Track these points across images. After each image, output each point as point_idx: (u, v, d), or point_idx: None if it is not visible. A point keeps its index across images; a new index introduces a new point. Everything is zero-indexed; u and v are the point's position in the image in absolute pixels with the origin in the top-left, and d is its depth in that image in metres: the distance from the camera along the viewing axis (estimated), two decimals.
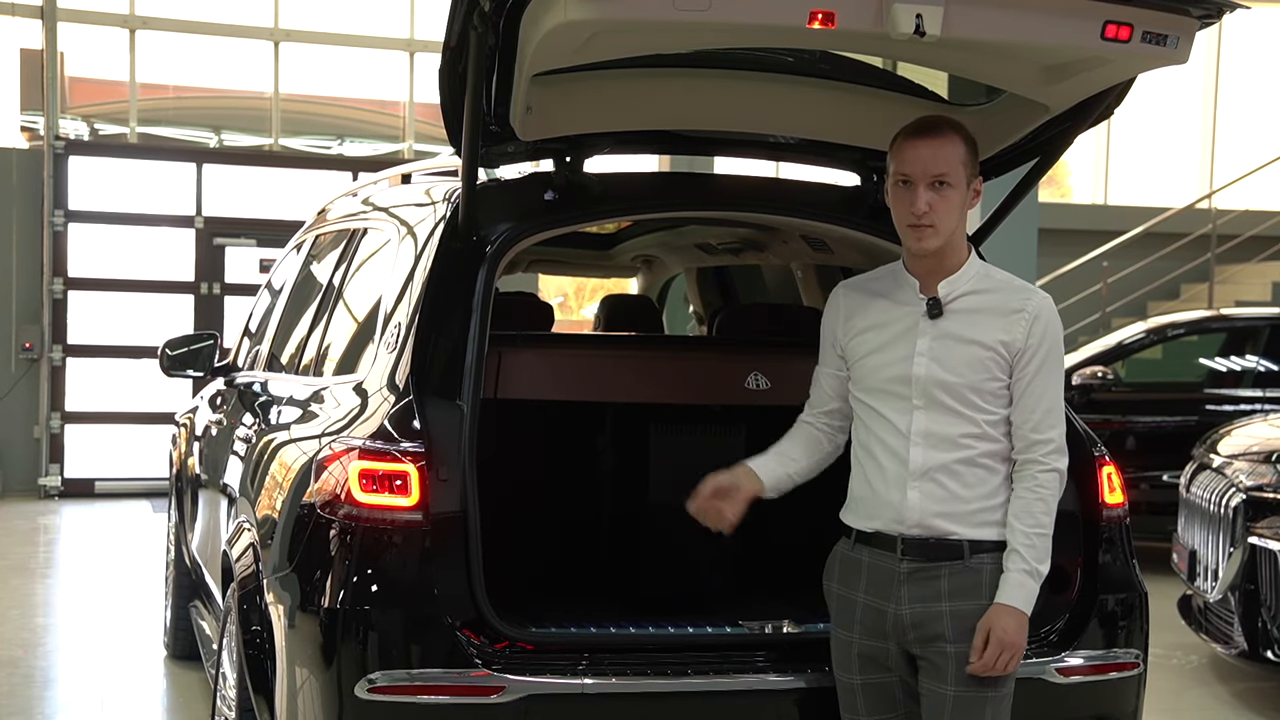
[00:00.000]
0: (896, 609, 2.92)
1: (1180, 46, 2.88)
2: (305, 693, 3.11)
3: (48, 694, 5.68)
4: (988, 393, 2.89)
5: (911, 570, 2.91)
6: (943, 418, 2.89)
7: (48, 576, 8.46)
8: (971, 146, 2.92)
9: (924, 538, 2.90)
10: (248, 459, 4.03)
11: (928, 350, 2.91)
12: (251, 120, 12.60)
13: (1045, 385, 2.90)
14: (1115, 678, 3.39)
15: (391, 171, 4.42)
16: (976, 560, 2.90)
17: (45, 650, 6.35)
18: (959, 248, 2.95)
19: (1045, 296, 2.94)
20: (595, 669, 3.06)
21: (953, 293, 2.93)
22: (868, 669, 2.99)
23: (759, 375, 3.57)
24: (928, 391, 2.90)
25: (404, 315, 3.32)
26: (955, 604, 2.88)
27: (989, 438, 2.90)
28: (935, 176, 2.87)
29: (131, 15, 11.91)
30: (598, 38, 2.89)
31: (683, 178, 3.73)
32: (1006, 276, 2.99)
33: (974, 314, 2.91)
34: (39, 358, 11.47)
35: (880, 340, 2.98)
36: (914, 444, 2.90)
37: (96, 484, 11.51)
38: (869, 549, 2.97)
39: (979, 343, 2.89)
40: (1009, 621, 2.83)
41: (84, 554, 9.27)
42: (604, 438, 3.87)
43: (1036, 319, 2.90)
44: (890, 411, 2.94)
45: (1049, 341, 2.90)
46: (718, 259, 5.06)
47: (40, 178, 11.43)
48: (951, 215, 2.89)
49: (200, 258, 11.84)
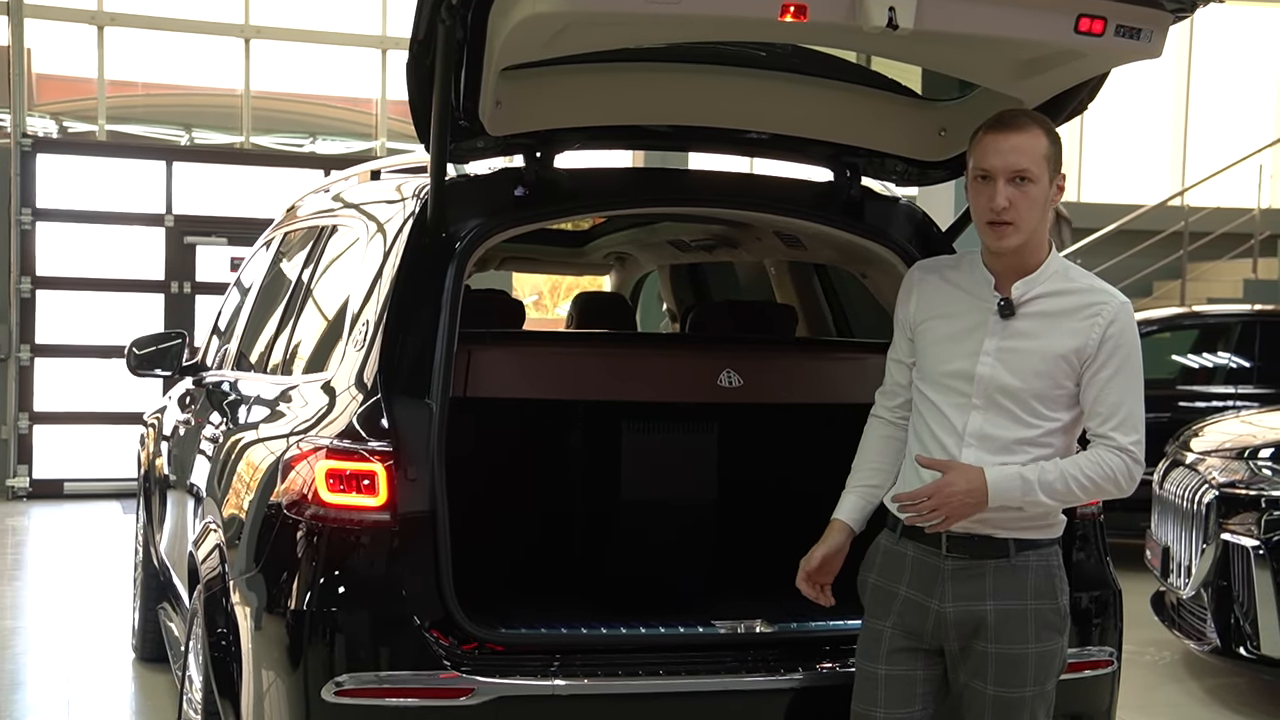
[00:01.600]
0: (940, 606, 2.88)
1: (1154, 40, 2.87)
2: (271, 696, 3.06)
3: (14, 697, 5.60)
4: (1051, 399, 2.83)
5: (956, 568, 2.87)
6: (1000, 420, 2.83)
7: (15, 579, 8.36)
8: (1055, 141, 2.83)
9: (968, 535, 2.86)
10: (215, 459, 3.98)
11: (995, 351, 2.84)
12: (222, 118, 12.50)
13: (1121, 393, 2.81)
14: (1089, 675, 3.38)
15: (361, 168, 4.37)
16: (1021, 558, 2.86)
17: (12, 653, 6.27)
18: (1039, 246, 2.86)
19: (1122, 300, 2.84)
20: (566, 670, 3.03)
21: (1027, 294, 2.85)
22: (896, 661, 2.93)
23: (731, 373, 3.53)
24: (989, 393, 2.84)
25: (372, 313, 3.27)
26: (999, 603, 2.84)
27: (1043, 444, 2.84)
28: (1016, 172, 2.78)
29: (99, 11, 11.79)
30: (568, 31, 2.86)
31: (655, 173, 3.69)
32: (1087, 278, 2.89)
33: (1047, 318, 2.83)
34: (6, 357, 11.34)
35: (948, 331, 2.91)
36: (966, 444, 2.85)
37: (66, 485, 11.39)
38: (914, 543, 2.92)
39: (1049, 349, 2.81)
40: (956, 476, 2.78)
41: (52, 556, 9.17)
42: (576, 436, 3.84)
43: (1112, 323, 2.80)
44: (948, 407, 2.88)
45: (1125, 346, 2.81)
46: (691, 256, 5.03)
47: (7, 176, 11.31)
48: (1033, 212, 2.80)
49: (170, 256, 11.72)
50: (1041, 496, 2.80)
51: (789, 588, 3.08)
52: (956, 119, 3.46)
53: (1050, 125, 2.87)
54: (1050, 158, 2.82)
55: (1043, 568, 2.88)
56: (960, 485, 2.77)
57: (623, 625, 3.23)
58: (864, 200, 3.60)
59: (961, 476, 2.78)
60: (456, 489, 3.14)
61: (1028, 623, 2.87)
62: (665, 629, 3.23)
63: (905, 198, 3.78)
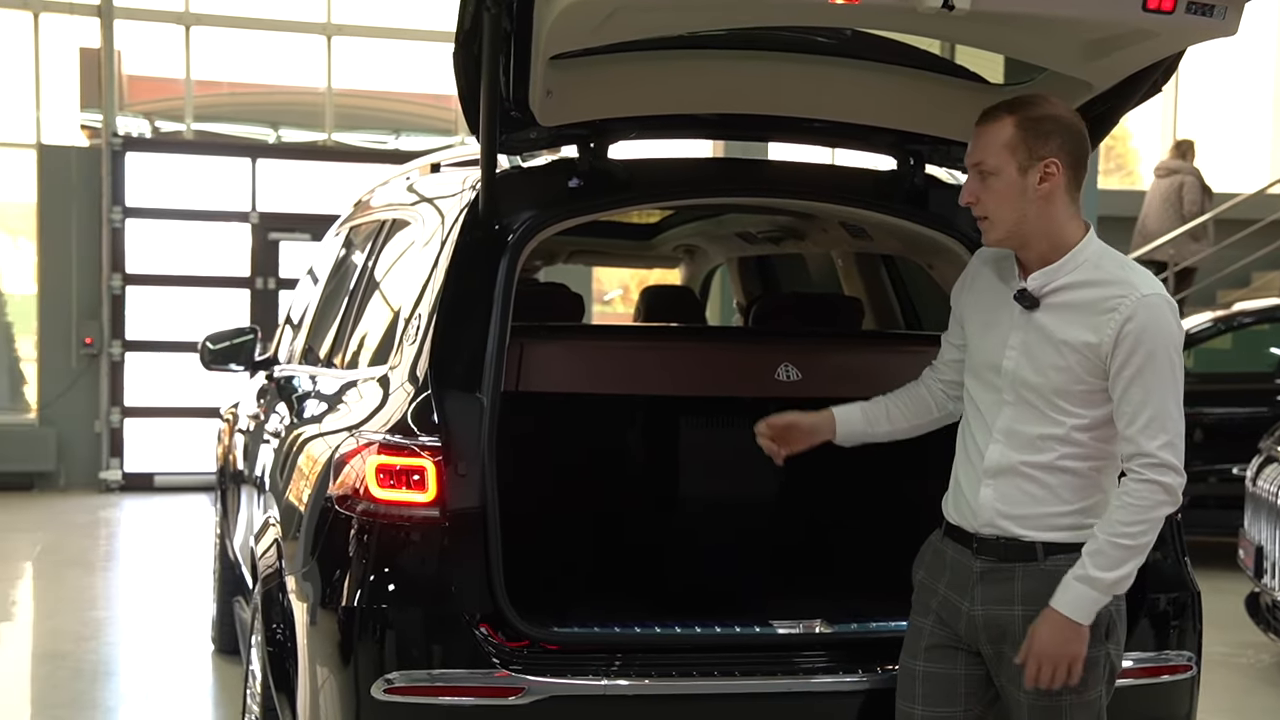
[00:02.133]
0: (970, 608, 2.81)
1: (1229, 17, 2.73)
2: (325, 692, 3.05)
3: (94, 686, 5.69)
4: (1074, 395, 2.71)
5: (985, 570, 2.80)
6: (1027, 415, 2.75)
7: (107, 569, 8.52)
8: (1028, 126, 2.69)
9: (995, 537, 2.78)
10: (276, 454, 3.99)
11: (1019, 345, 2.76)
12: (306, 115, 12.63)
13: (1146, 393, 2.64)
14: (1167, 680, 3.25)
15: (422, 160, 4.35)
16: (1052, 563, 2.75)
17: (96, 644, 6.37)
18: (1047, 236, 2.74)
19: (1149, 295, 2.65)
20: (618, 669, 2.98)
21: (1048, 284, 2.74)
22: (934, 658, 2.87)
23: (789, 366, 3.45)
24: (1016, 388, 2.76)
25: (425, 307, 3.24)
26: (1028, 608, 2.75)
27: (1073, 441, 2.73)
28: (975, 164, 2.74)
29: (186, 12, 11.97)
30: (616, 17, 2.79)
31: (711, 163, 3.62)
32: (1121, 269, 2.72)
33: (1069, 310, 2.72)
34: (99, 353, 11.57)
35: (984, 321, 2.86)
36: (994, 440, 2.78)
37: (156, 478, 11.60)
38: (953, 544, 2.87)
39: (1066, 343, 2.70)
40: (1044, 630, 2.69)
41: (143, 547, 9.34)
42: (634, 431, 3.78)
43: (1130, 319, 2.64)
44: (983, 402, 2.83)
45: (1148, 344, 2.63)
46: (758, 248, 4.94)
47: (99, 175, 11.53)
48: (1000, 204, 2.72)
49: (255, 252, 11.89)
50: (1109, 575, 2.66)
51: (849, 588, 3.00)
52: None
53: (1031, 110, 2.72)
54: (1015, 145, 2.70)
55: None
56: (1044, 634, 2.68)
57: (677, 625, 3.16)
58: (928, 189, 3.50)
59: (1035, 629, 2.69)
60: (511, 485, 3.10)
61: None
62: (721, 629, 3.16)
63: None
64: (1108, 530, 2.67)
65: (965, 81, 3.37)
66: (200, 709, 5.49)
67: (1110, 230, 12.37)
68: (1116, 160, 16.34)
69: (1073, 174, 2.74)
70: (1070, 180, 2.74)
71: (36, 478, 11.39)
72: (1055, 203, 2.73)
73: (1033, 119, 2.71)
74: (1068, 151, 2.72)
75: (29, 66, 11.74)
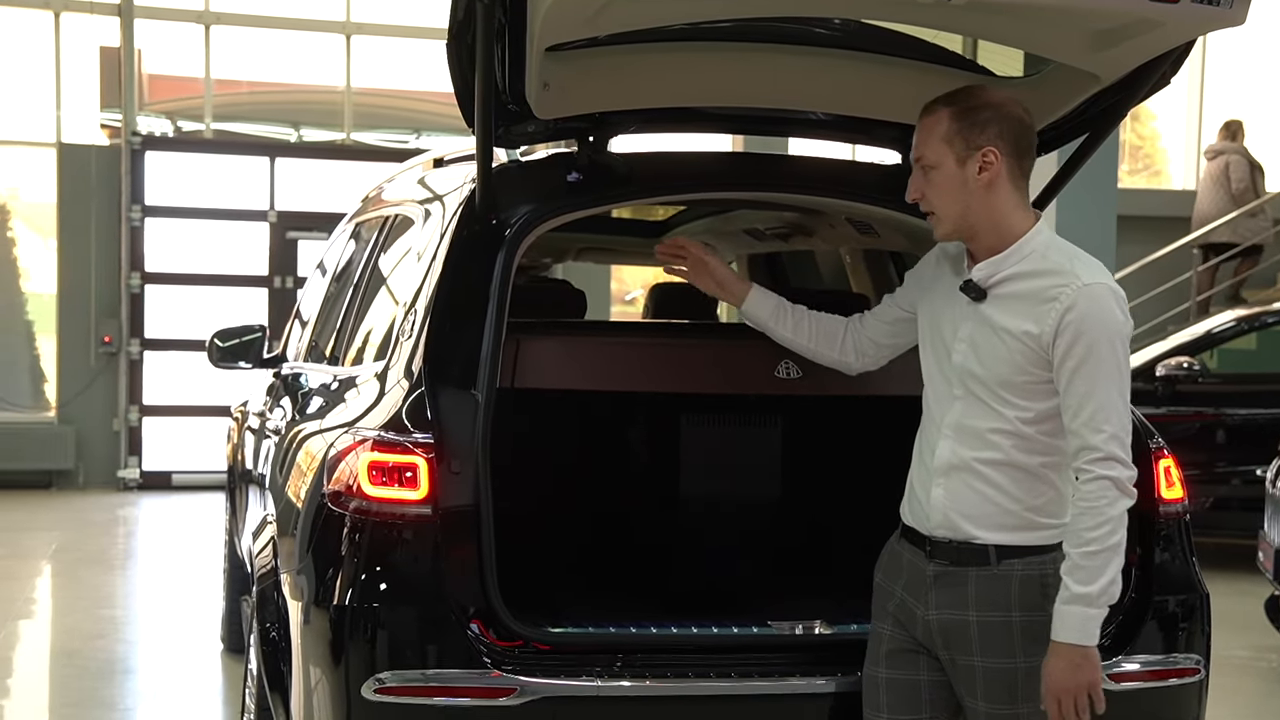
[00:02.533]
0: (925, 613, 2.76)
1: (1236, 7, 2.67)
2: (318, 692, 3.01)
3: (103, 684, 5.68)
4: (1017, 387, 2.66)
5: (938, 573, 2.75)
6: (975, 410, 2.70)
7: (126, 568, 8.55)
8: (964, 117, 2.66)
9: (948, 539, 2.73)
10: (276, 451, 3.96)
11: (967, 338, 2.72)
12: (325, 115, 12.63)
13: (1090, 385, 2.58)
14: (1175, 684, 3.18)
15: (425, 156, 4.32)
16: (1005, 566, 2.69)
17: (106, 642, 6.36)
18: (994, 227, 2.70)
19: (1091, 284, 2.60)
20: (612, 670, 2.93)
21: (993, 275, 2.69)
22: (896, 664, 2.82)
23: (790, 364, 3.39)
24: (964, 381, 2.72)
25: (421, 302, 3.21)
26: (983, 614, 2.69)
27: (1022, 435, 2.67)
28: (916, 159, 2.72)
29: (206, 11, 11.99)
30: (611, 8, 2.75)
31: (712, 157, 3.56)
32: (1069, 260, 2.66)
33: (1014, 300, 2.67)
34: (117, 351, 11.60)
35: (934, 314, 2.82)
36: (944, 437, 2.73)
37: (174, 476, 11.62)
38: (908, 545, 2.83)
39: (1010, 333, 2.65)
40: (1054, 664, 2.60)
41: (160, 546, 9.36)
42: (635, 429, 3.73)
43: (1071, 308, 2.58)
44: (935, 398, 2.79)
45: (1090, 334, 2.58)
46: (767, 245, 4.88)
47: (118, 174, 11.56)
48: (943, 197, 2.69)
49: (274, 251, 11.90)
50: (1094, 587, 2.57)
51: (850, 588, 2.95)
52: (1032, 96, 3.27)
53: (967, 100, 2.69)
54: (951, 137, 2.67)
55: (1031, 577, 2.69)
56: (1055, 669, 2.60)
57: (674, 625, 3.11)
58: None
59: (1046, 665, 2.61)
60: (509, 483, 3.05)
61: (1012, 635, 2.70)
62: (718, 629, 3.10)
63: None
64: (1074, 542, 2.60)
65: (973, 75, 3.31)
66: (209, 708, 5.47)
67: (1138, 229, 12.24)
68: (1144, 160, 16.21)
69: (1015, 161, 2.69)
70: (1013, 168, 2.69)
71: (55, 476, 11.42)
72: (998, 192, 2.69)
73: (968, 109, 2.68)
74: (1006, 139, 2.67)
75: (50, 66, 11.78)
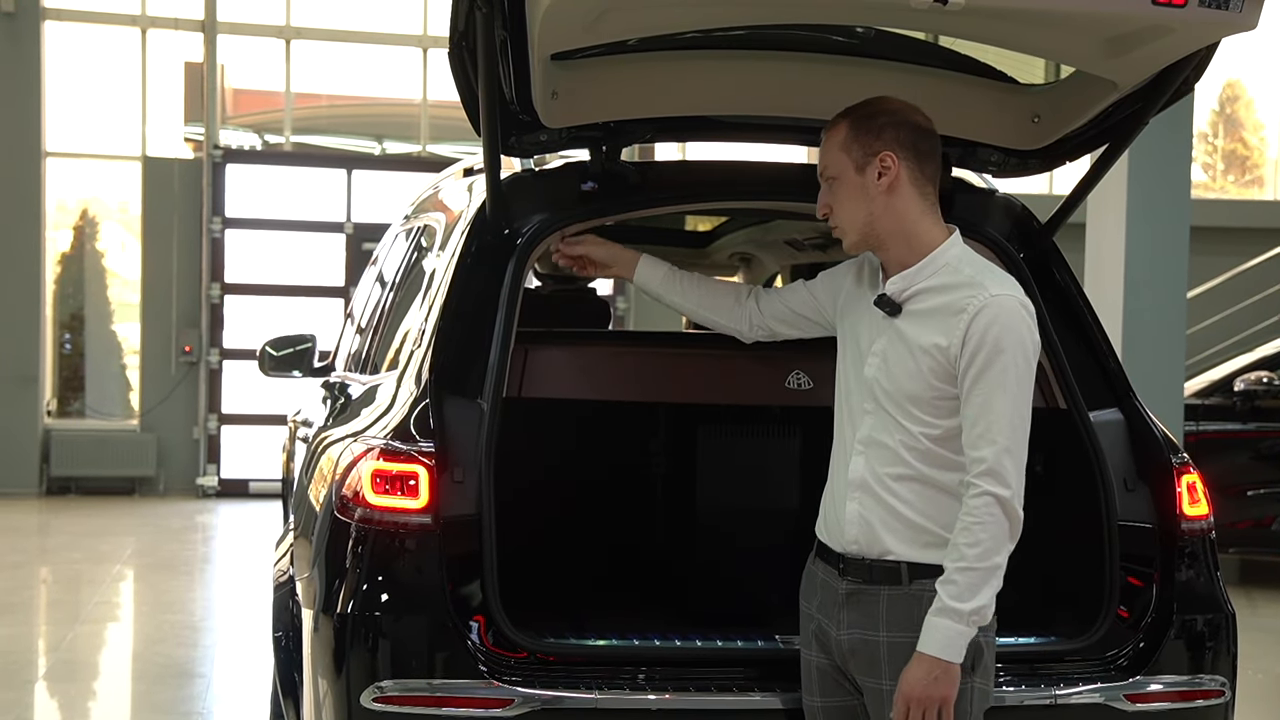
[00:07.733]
0: (837, 633, 2.69)
1: (1246, 11, 2.58)
2: (324, 700, 3.03)
3: (155, 688, 5.79)
4: (924, 402, 2.59)
5: (850, 592, 2.67)
6: (885, 424, 2.64)
7: (204, 573, 8.70)
8: (859, 124, 2.63)
9: (861, 557, 2.65)
10: (304, 460, 4.00)
11: (880, 352, 2.67)
12: (401, 127, 12.80)
13: (986, 397, 2.52)
14: (1200, 705, 3.09)
15: (457, 166, 4.34)
16: (917, 586, 2.60)
17: (166, 646, 6.48)
18: (902, 237, 2.64)
19: (999, 295, 2.54)
20: (612, 682, 2.90)
21: (906, 290, 2.64)
22: (827, 691, 2.76)
23: (800, 374, 3.35)
24: (875, 396, 2.66)
25: (432, 310, 3.22)
26: (893, 635, 2.61)
27: (928, 452, 2.59)
28: (821, 173, 2.70)
29: (286, 26, 12.21)
30: (610, 15, 2.74)
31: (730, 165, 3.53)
32: (979, 273, 2.61)
33: (925, 315, 2.61)
34: (197, 361, 11.83)
35: (854, 324, 2.77)
36: (856, 451, 2.68)
37: (251, 484, 11.81)
38: (822, 564, 2.76)
39: (921, 347, 2.59)
40: (914, 671, 2.53)
41: (237, 552, 9.52)
42: (639, 439, 3.71)
43: (975, 320, 2.53)
44: (849, 412, 2.73)
45: (990, 346, 2.52)
46: (807, 256, 4.82)
47: (199, 187, 11.80)
48: (845, 207, 2.66)
49: (349, 262, 12.06)
50: (966, 605, 2.49)
51: None
52: (1050, 104, 3.21)
53: (864, 109, 2.65)
54: (849, 144, 2.63)
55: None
56: (912, 676, 2.52)
57: (678, 638, 3.08)
58: (953, 192, 3.37)
59: (905, 671, 2.54)
60: (520, 493, 3.04)
61: None
62: (722, 642, 3.07)
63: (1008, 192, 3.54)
64: (952, 556, 2.53)
65: (987, 80, 3.25)
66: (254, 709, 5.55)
67: (1227, 240, 11.97)
68: (1252, 172, 15.86)
69: (915, 166, 2.63)
70: (914, 173, 2.63)
71: (138, 482, 11.68)
72: (901, 198, 2.63)
73: (863, 116, 2.64)
74: (903, 144, 2.62)
75: (136, 81, 12.07)
